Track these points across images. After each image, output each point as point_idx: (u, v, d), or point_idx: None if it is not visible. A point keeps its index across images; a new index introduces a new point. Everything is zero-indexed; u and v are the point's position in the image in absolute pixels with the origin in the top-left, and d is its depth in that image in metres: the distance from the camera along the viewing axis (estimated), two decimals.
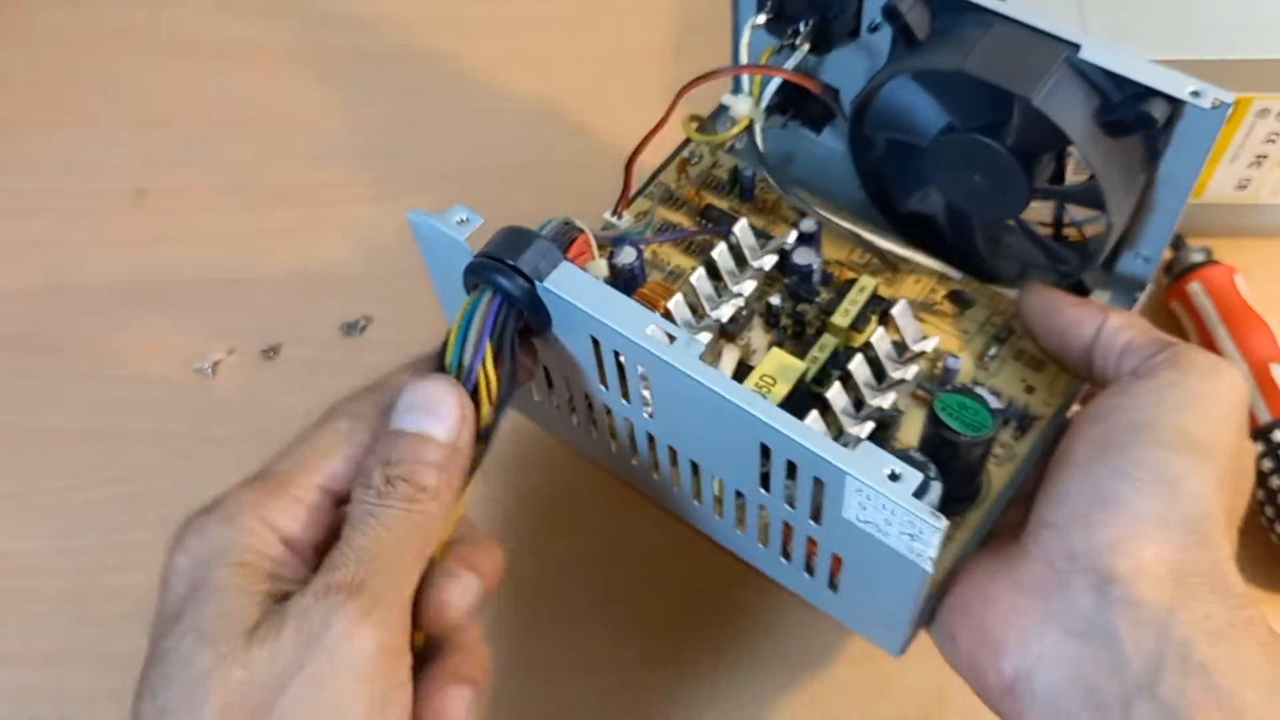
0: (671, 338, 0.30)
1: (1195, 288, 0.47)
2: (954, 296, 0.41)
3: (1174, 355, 0.32)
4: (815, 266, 0.39)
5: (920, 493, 0.28)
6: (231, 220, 0.56)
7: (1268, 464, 0.42)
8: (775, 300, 0.39)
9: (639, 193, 0.44)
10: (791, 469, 0.30)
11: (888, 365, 0.35)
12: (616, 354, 0.31)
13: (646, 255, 0.42)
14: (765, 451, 0.30)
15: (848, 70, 0.41)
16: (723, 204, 0.44)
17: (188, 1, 0.64)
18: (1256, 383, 0.44)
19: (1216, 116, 0.32)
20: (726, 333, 0.39)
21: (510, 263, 0.30)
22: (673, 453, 0.34)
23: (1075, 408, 0.38)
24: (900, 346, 0.36)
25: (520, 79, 0.60)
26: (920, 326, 0.36)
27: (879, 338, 0.35)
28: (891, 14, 0.36)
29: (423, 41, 0.62)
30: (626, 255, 0.38)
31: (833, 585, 0.33)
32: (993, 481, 0.37)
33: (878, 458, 0.28)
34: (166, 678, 0.26)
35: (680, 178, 0.44)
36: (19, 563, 0.47)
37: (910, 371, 0.35)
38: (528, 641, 0.44)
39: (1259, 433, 0.43)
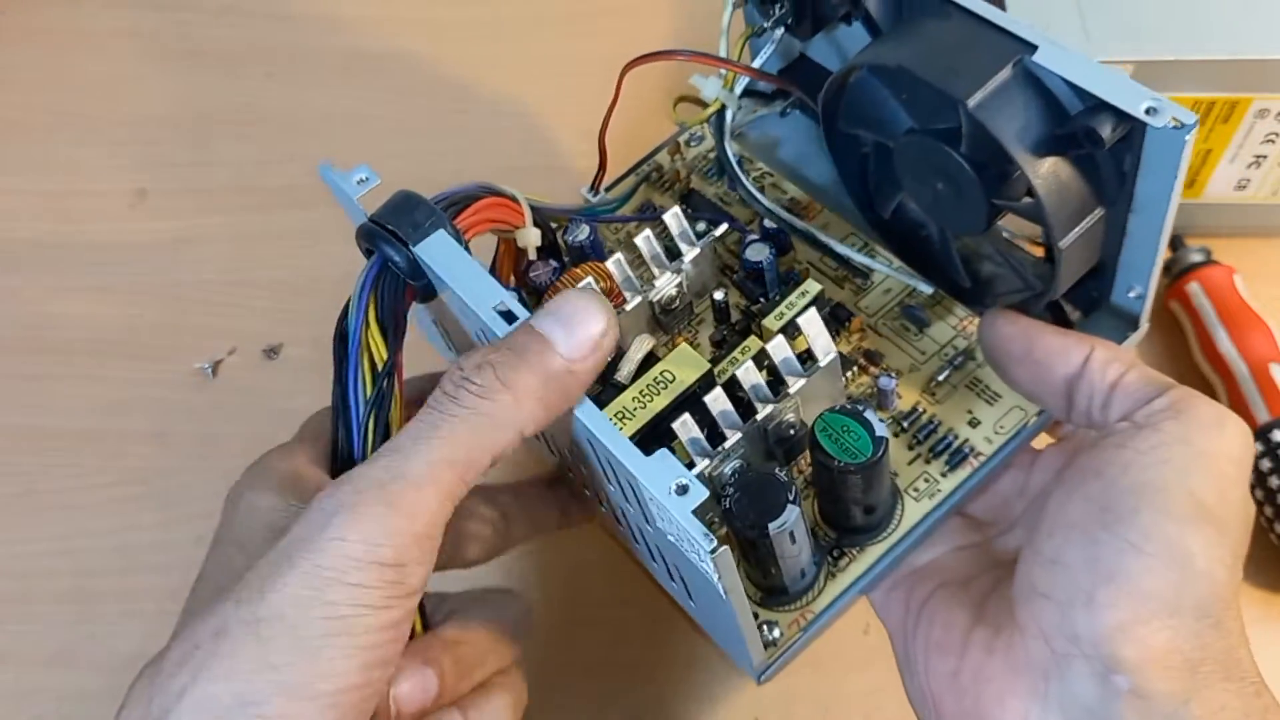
0: (514, 318, 0.29)
1: (1194, 288, 0.47)
2: (909, 313, 0.38)
3: (1176, 404, 0.29)
4: (766, 263, 0.37)
5: (738, 510, 0.28)
6: (231, 220, 0.56)
7: (1267, 464, 0.42)
8: (719, 295, 0.37)
9: (630, 170, 0.43)
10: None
11: (788, 377, 0.33)
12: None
13: (620, 236, 0.42)
14: None
15: (845, 56, 0.39)
16: (710, 190, 0.43)
17: (192, 5, 0.64)
18: (1256, 383, 0.44)
19: (1177, 137, 0.28)
20: (661, 323, 0.37)
21: (389, 227, 0.30)
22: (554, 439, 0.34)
23: (1044, 439, 0.36)
24: (808, 358, 0.33)
25: (522, 80, 0.60)
26: (829, 340, 0.33)
27: (777, 346, 0.33)
28: (852, 2, 0.34)
29: (423, 44, 0.62)
30: (580, 232, 0.38)
31: (690, 595, 0.32)
32: (905, 514, 0.34)
33: (669, 467, 0.26)
34: (206, 579, 0.28)
35: (675, 159, 0.43)
36: (19, 563, 0.47)
37: (798, 385, 0.33)
38: (533, 642, 0.44)
39: (1259, 433, 0.43)
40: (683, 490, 0.26)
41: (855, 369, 0.38)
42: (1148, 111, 0.28)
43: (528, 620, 0.34)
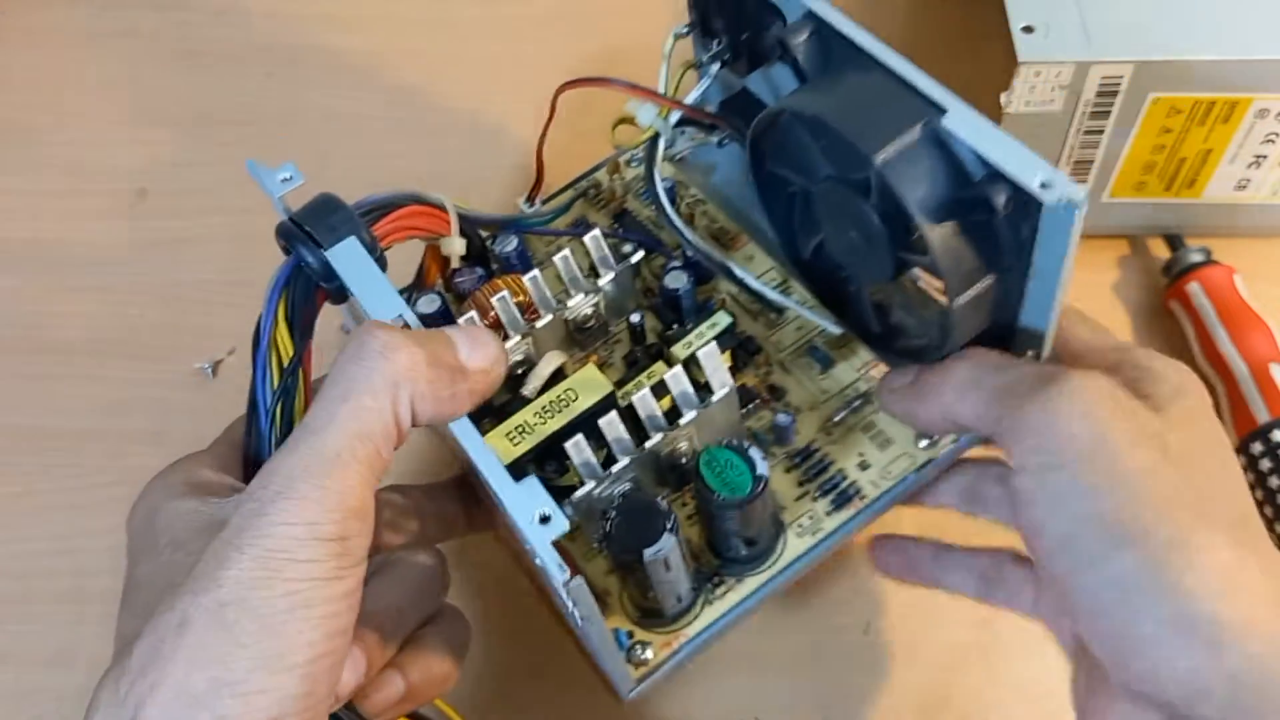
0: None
1: (1194, 288, 0.47)
2: (814, 353, 0.39)
3: (1022, 425, 0.29)
4: (683, 291, 0.38)
5: (616, 534, 0.28)
6: (231, 220, 0.56)
7: (1267, 464, 0.42)
8: (635, 318, 0.38)
9: (568, 185, 0.44)
10: None
11: (683, 408, 0.34)
12: None
13: (550, 249, 0.43)
14: None
15: (780, 95, 0.38)
16: (644, 212, 0.43)
17: (192, 5, 0.64)
18: (1256, 383, 0.44)
19: (1066, 215, 0.28)
20: (576, 340, 0.38)
21: (306, 229, 0.31)
22: None
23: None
24: (705, 389, 0.34)
25: (520, 80, 0.60)
26: (726, 374, 0.34)
27: (675, 376, 0.34)
28: (781, 47, 0.34)
29: (420, 44, 0.62)
30: (508, 243, 0.39)
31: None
32: (786, 549, 0.35)
33: (534, 496, 0.27)
34: (145, 585, 0.29)
35: (613, 177, 0.44)
36: (19, 563, 0.47)
37: (690, 416, 0.34)
38: (525, 642, 0.44)
39: (1259, 433, 0.43)
40: (545, 520, 0.26)
41: (758, 402, 0.38)
42: (1042, 186, 0.28)
43: (442, 567, 0.35)
